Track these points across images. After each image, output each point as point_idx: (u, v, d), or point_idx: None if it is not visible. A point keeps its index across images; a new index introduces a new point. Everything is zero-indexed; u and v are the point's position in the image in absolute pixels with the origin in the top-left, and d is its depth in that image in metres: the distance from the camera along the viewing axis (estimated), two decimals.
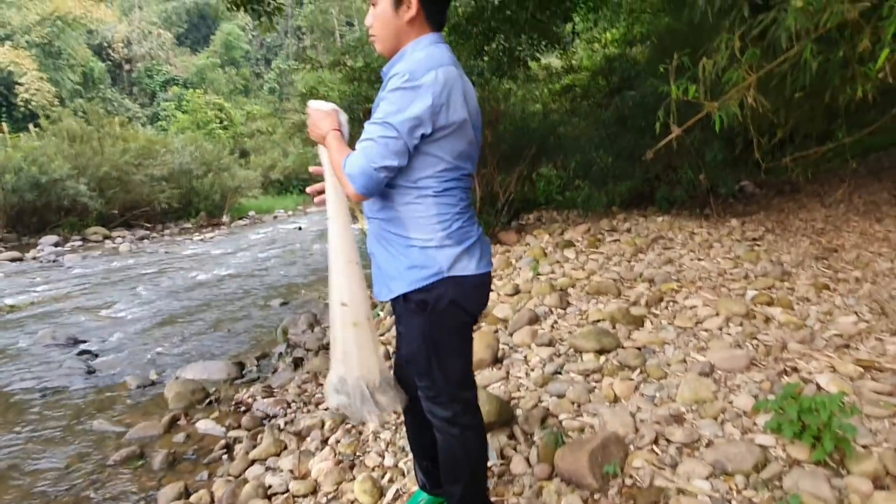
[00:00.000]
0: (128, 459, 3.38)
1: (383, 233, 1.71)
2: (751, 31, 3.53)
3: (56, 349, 5.64)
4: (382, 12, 1.64)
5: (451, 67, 1.59)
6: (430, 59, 1.57)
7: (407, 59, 1.60)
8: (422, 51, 1.61)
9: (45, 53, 28.55)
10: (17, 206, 15.10)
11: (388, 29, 1.65)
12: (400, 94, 1.51)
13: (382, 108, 1.54)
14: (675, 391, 2.61)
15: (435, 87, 1.52)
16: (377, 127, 1.53)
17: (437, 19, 1.66)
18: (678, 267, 4.47)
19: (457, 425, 1.77)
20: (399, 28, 1.64)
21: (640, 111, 6.64)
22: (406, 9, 1.61)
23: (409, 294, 1.67)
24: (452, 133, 1.60)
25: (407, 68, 1.54)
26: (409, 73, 1.52)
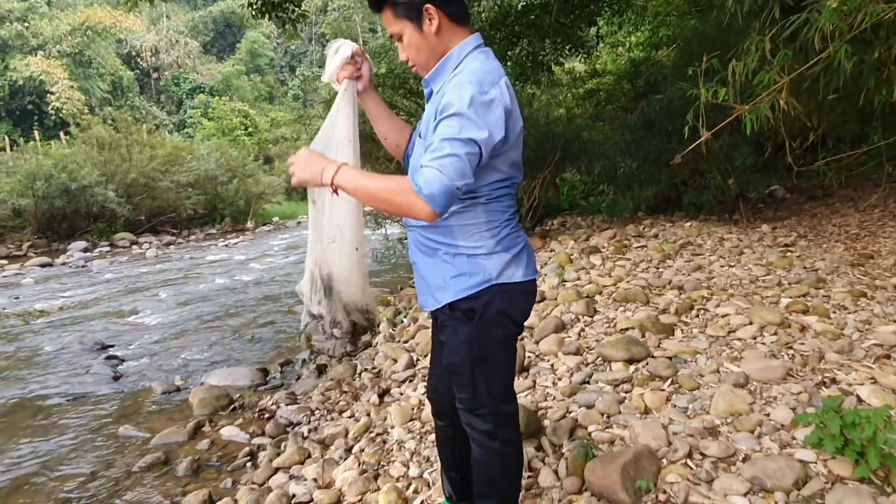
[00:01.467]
0: (153, 466, 3.38)
1: (426, 241, 1.67)
2: (782, 32, 3.45)
3: (83, 354, 5.70)
4: (412, 39, 1.60)
5: (505, 76, 1.56)
6: (491, 68, 1.53)
7: (466, 70, 1.53)
8: (475, 59, 1.57)
9: (75, 63, 29.17)
10: (47, 213, 15.41)
11: (423, 51, 1.61)
12: (475, 108, 1.44)
13: (457, 123, 1.43)
14: (708, 403, 2.53)
15: (505, 101, 1.49)
16: (460, 143, 1.42)
17: (463, 16, 1.62)
18: (708, 274, 4.37)
19: (497, 439, 1.73)
20: (433, 44, 1.60)
21: (666, 115, 6.54)
22: (429, 21, 1.57)
23: (456, 303, 1.63)
24: (513, 145, 1.58)
25: (471, 79, 1.47)
26: (479, 86, 1.46)
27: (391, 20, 1.61)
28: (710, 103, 3.65)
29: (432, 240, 1.65)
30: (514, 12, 8.53)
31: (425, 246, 1.68)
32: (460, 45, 1.60)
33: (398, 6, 1.58)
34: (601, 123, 9.64)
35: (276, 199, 22.86)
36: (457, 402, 1.77)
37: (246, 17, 7.82)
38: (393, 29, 1.63)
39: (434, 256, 1.66)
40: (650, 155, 6.78)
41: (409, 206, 1.43)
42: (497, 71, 1.54)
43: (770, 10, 3.57)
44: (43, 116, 27.29)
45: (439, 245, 1.64)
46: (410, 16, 1.57)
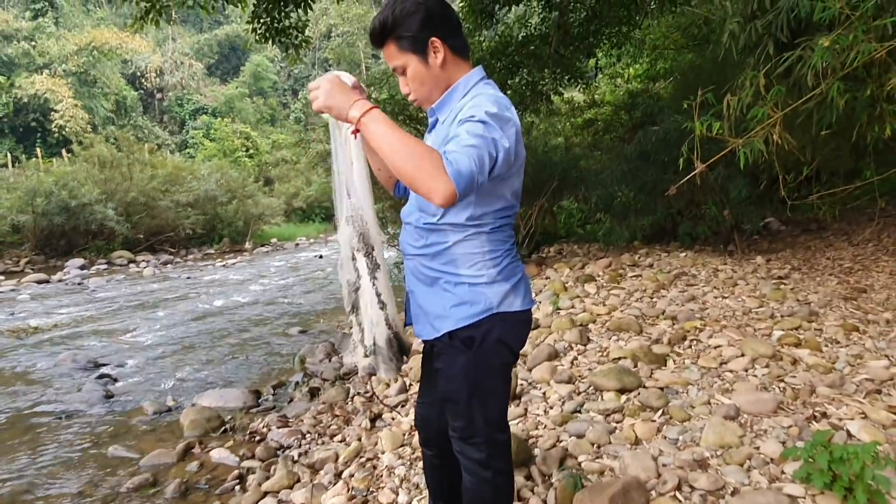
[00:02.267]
0: (140, 487, 3.35)
1: (427, 270, 1.66)
2: (776, 68, 3.52)
3: (76, 372, 5.68)
4: (417, 73, 1.60)
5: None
6: (502, 96, 1.56)
7: (482, 94, 1.54)
8: (487, 87, 1.60)
9: (80, 82, 29.42)
10: (46, 229, 15.42)
11: (427, 83, 1.62)
12: (496, 120, 1.44)
13: (481, 126, 1.40)
14: (699, 435, 2.53)
15: (518, 123, 1.52)
16: (483, 140, 1.38)
17: (464, 48, 1.65)
18: (702, 304, 4.38)
19: (490, 468, 1.72)
20: (437, 76, 1.61)
21: (663, 146, 6.62)
22: (434, 54, 1.58)
23: (456, 331, 1.62)
24: (517, 170, 1.60)
25: (490, 101, 1.48)
26: (497, 104, 1.48)
27: (395, 54, 1.60)
28: (704, 136, 3.70)
29: (433, 268, 1.65)
30: (514, 42, 8.67)
31: (424, 275, 1.68)
32: (466, 77, 1.63)
33: (403, 40, 1.58)
34: (598, 153, 9.74)
35: (275, 221, 22.91)
36: (450, 430, 1.76)
37: (250, 42, 7.92)
38: (396, 62, 1.62)
39: (434, 285, 1.66)
40: (646, 185, 6.84)
41: (433, 175, 1.31)
42: (504, 97, 1.57)
43: (764, 47, 3.65)
44: (46, 134, 27.44)
45: (441, 274, 1.64)
46: (415, 49, 1.58)
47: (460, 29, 1.65)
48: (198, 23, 43.25)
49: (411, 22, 1.55)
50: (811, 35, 3.35)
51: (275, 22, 7.12)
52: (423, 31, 1.56)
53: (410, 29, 1.56)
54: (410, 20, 1.55)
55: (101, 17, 38.02)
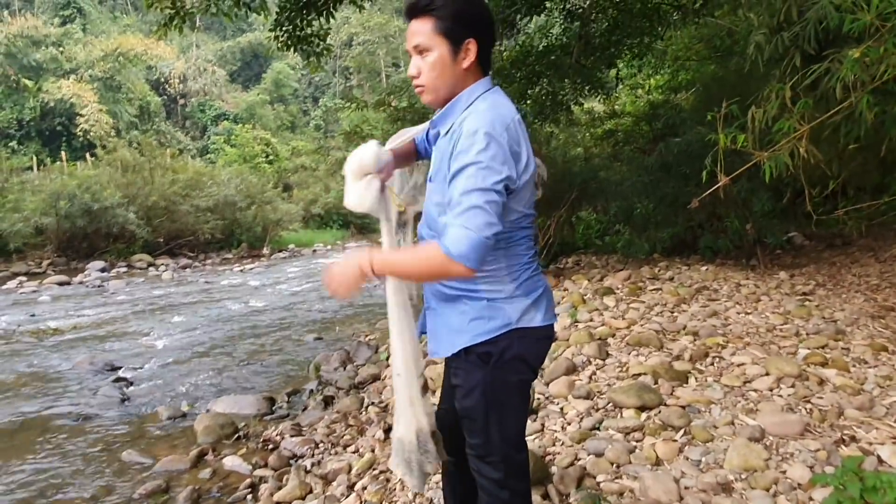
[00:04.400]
0: (153, 493, 3.35)
1: (447, 290, 1.62)
2: (803, 80, 3.44)
3: (93, 375, 5.71)
4: (439, 61, 1.53)
5: (517, 115, 1.55)
6: (500, 110, 1.51)
7: (475, 112, 1.51)
8: (483, 101, 1.54)
9: (105, 87, 29.90)
10: (68, 232, 15.67)
11: (444, 78, 1.55)
12: (488, 153, 1.42)
13: (472, 173, 1.41)
14: (722, 457, 2.45)
15: (515, 141, 1.47)
16: (479, 193, 1.39)
17: (487, 64, 1.61)
18: (724, 320, 4.29)
19: (506, 488, 1.66)
20: (456, 76, 1.55)
21: (684, 158, 6.54)
22: (464, 56, 1.53)
23: (472, 347, 1.58)
24: (527, 182, 1.55)
25: (481, 124, 1.45)
26: (490, 127, 1.44)
27: (427, 31, 1.52)
28: (728, 148, 3.63)
29: (454, 287, 1.61)
30: (535, 52, 8.64)
31: (443, 293, 1.64)
32: (471, 89, 1.57)
33: (445, 21, 1.50)
34: (618, 164, 9.66)
35: (293, 227, 23.02)
36: (467, 447, 1.72)
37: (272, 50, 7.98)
38: (421, 40, 1.52)
39: (456, 302, 1.62)
40: (667, 197, 6.75)
41: (445, 270, 1.41)
42: (505, 111, 1.51)
43: (791, 59, 3.57)
44: (71, 138, 27.89)
45: (460, 291, 1.60)
46: (451, 38, 1.51)
47: (493, 45, 1.62)
48: (221, 30, 43.84)
49: (462, 10, 1.51)
50: (840, 47, 3.27)
51: (297, 30, 7.15)
52: (468, 26, 1.52)
53: (459, 16, 1.50)
54: (463, 7, 1.51)
55: (127, 24, 38.70)
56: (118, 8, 41.93)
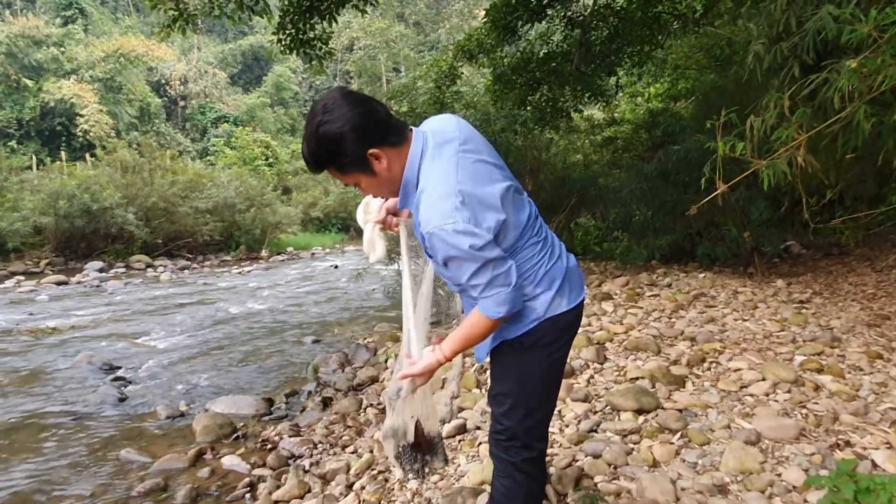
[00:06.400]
0: (152, 492, 3.36)
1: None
2: (801, 90, 3.48)
3: (91, 374, 5.72)
4: (368, 184, 1.61)
5: (458, 149, 1.58)
6: (442, 171, 1.54)
7: (425, 190, 1.54)
8: (427, 172, 1.56)
9: (106, 88, 29.91)
10: (67, 232, 15.65)
11: (384, 186, 1.62)
12: (462, 217, 1.47)
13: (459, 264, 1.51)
14: (718, 459, 2.48)
15: (467, 193, 1.50)
16: (478, 272, 1.51)
17: (400, 133, 1.58)
18: (721, 326, 4.32)
19: (523, 472, 1.77)
20: (389, 177, 1.59)
21: (683, 166, 6.58)
22: (377, 162, 1.55)
23: (508, 340, 1.71)
24: (509, 205, 1.59)
25: (435, 207, 1.49)
26: (444, 203, 1.48)
27: (341, 176, 1.59)
28: (727, 156, 3.67)
29: None
30: (535, 59, 8.70)
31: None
32: (409, 163, 1.58)
33: (343, 166, 1.55)
34: (617, 171, 9.71)
35: (292, 230, 23.02)
36: (492, 432, 1.81)
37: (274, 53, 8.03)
38: (346, 181, 1.62)
39: None
40: (666, 204, 6.79)
41: (495, 327, 1.62)
42: (447, 168, 1.54)
43: (790, 69, 3.62)
44: (71, 138, 27.87)
45: None
46: (358, 168, 1.56)
47: (388, 116, 1.58)
48: (223, 33, 43.89)
49: (342, 148, 1.50)
50: (838, 58, 3.31)
51: (300, 33, 7.20)
52: (358, 150, 1.52)
53: (344, 154, 1.52)
54: (341, 146, 1.50)
55: (128, 25, 38.74)
56: (120, 9, 41.97)
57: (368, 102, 1.54)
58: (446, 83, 9.04)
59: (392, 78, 36.79)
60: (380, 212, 1.84)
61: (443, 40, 36.10)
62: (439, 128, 1.65)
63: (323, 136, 1.49)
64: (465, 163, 1.56)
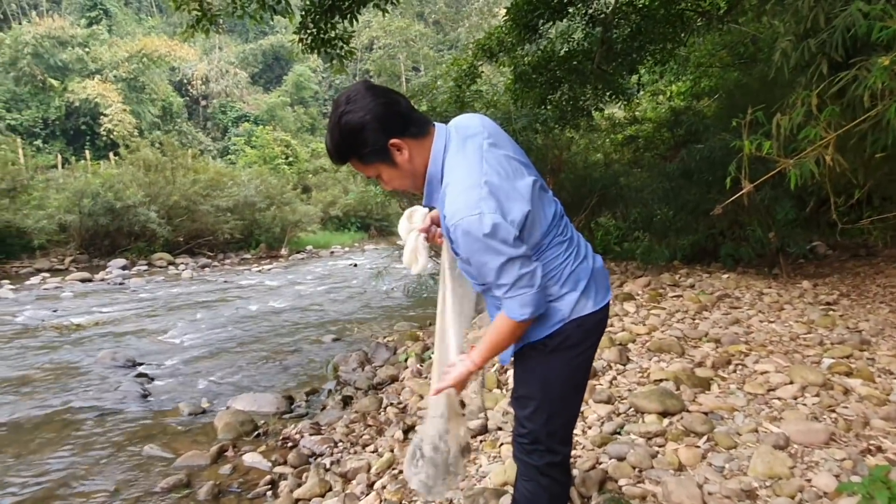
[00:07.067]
0: (174, 487, 3.39)
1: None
2: (830, 88, 3.41)
3: (115, 370, 5.79)
4: (389, 175, 1.61)
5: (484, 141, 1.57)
6: (469, 163, 1.53)
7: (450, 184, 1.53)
8: (452, 165, 1.56)
9: (129, 87, 30.33)
10: (91, 229, 15.89)
11: (406, 178, 1.62)
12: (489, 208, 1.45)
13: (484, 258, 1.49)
14: (746, 463, 2.43)
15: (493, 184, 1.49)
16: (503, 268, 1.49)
17: (423, 126, 1.59)
18: (746, 328, 4.25)
19: (547, 476, 1.75)
20: (410, 169, 1.59)
21: (706, 165, 6.49)
22: (399, 153, 1.55)
23: (533, 342, 1.68)
24: (536, 200, 1.58)
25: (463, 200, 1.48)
26: (472, 188, 1.48)
27: (363, 167, 1.60)
28: (753, 155, 3.60)
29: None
30: (556, 58, 8.63)
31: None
32: (433, 157, 1.58)
33: (364, 156, 1.56)
34: (639, 170, 9.61)
35: (312, 228, 23.16)
36: (516, 435, 1.79)
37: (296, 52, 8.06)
38: (368, 173, 1.62)
39: None
40: (688, 204, 6.71)
41: (522, 329, 1.61)
42: (472, 160, 1.53)
43: (818, 66, 3.55)
44: (95, 137, 28.30)
45: None
46: (380, 158, 1.56)
47: (410, 109, 1.58)
48: (243, 32, 44.26)
49: (364, 137, 1.51)
50: (868, 55, 3.24)
51: (321, 33, 7.20)
52: (380, 140, 1.52)
53: (366, 144, 1.52)
54: (362, 136, 1.51)
55: (151, 26, 39.24)
56: (143, 10, 42.52)
57: (391, 94, 1.56)
58: (466, 82, 9.00)
59: (411, 77, 36.83)
60: (424, 220, 1.83)
61: (462, 39, 36.07)
62: (463, 124, 1.65)
63: (345, 125, 1.51)
64: (490, 157, 1.56)
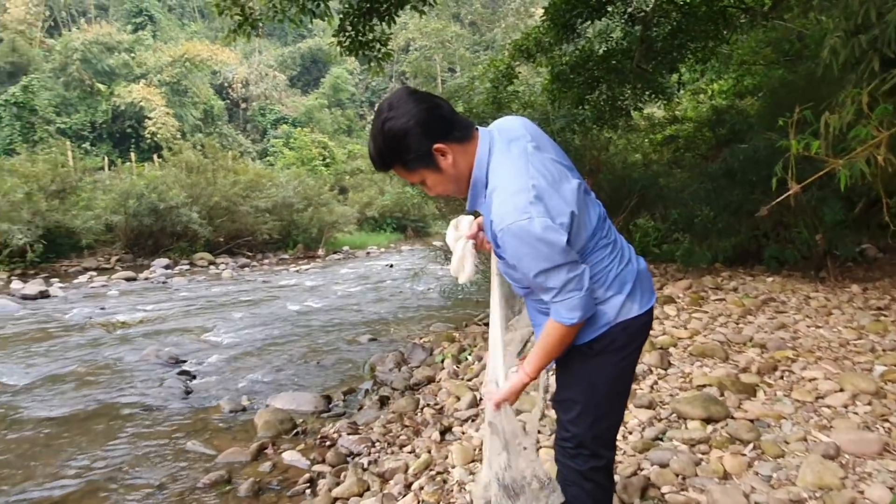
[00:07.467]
0: (216, 483, 3.45)
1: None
2: (881, 85, 3.29)
3: (158, 367, 5.94)
4: (434, 181, 1.61)
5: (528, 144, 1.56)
6: (514, 168, 1.52)
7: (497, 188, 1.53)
8: (497, 169, 1.55)
9: (173, 91, 31.14)
10: (135, 230, 16.37)
11: (451, 183, 1.61)
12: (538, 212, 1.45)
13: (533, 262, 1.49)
14: (794, 473, 2.36)
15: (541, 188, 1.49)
16: (558, 271, 1.49)
17: (466, 130, 1.59)
18: (793, 333, 4.13)
19: (591, 481, 1.73)
20: (455, 174, 1.58)
21: (750, 165, 6.33)
22: (443, 157, 1.55)
23: (577, 346, 1.66)
24: (581, 202, 1.57)
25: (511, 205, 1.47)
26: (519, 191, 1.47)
27: (407, 174, 1.60)
28: (800, 155, 3.50)
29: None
30: (594, 57, 8.54)
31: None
32: (478, 162, 1.58)
33: (408, 162, 1.56)
34: (679, 170, 9.43)
35: (348, 229, 23.38)
36: (559, 439, 1.77)
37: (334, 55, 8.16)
38: (413, 179, 1.62)
39: None
40: (731, 205, 6.56)
41: (573, 335, 1.60)
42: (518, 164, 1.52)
43: (868, 63, 3.43)
44: (140, 140, 29.13)
45: None
46: (424, 164, 1.56)
47: (453, 113, 1.58)
48: (282, 36, 45.01)
49: (408, 143, 1.51)
50: None
51: (359, 35, 7.27)
52: (424, 145, 1.52)
53: (410, 150, 1.52)
54: (406, 142, 1.51)
55: (194, 31, 40.21)
56: (186, 15, 43.60)
57: (433, 99, 1.56)
58: (503, 83, 8.97)
59: (447, 78, 36.89)
60: (471, 227, 1.83)
61: (499, 40, 36.00)
62: (506, 126, 1.64)
63: (388, 132, 1.52)
64: (536, 160, 1.55)
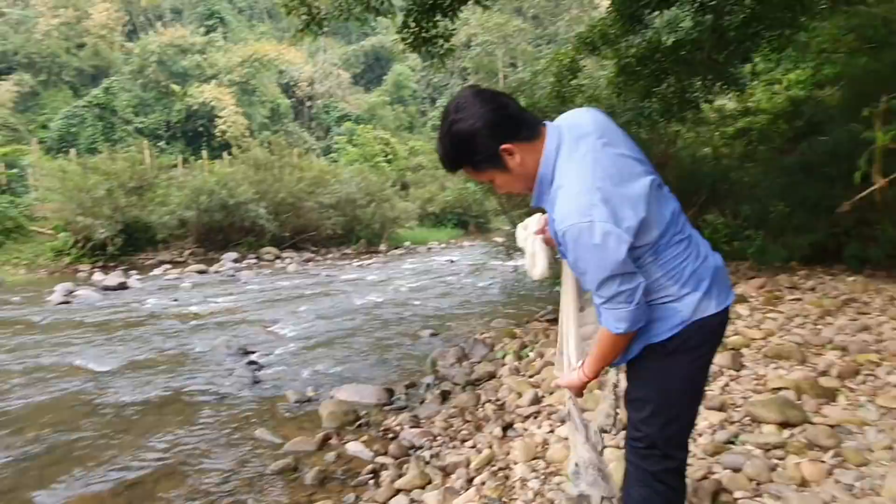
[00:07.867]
0: (283, 471, 3.54)
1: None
2: None
3: (228, 357, 6.15)
4: (502, 180, 1.62)
5: (596, 142, 1.53)
6: (580, 170, 1.50)
7: (561, 188, 1.52)
8: (564, 170, 1.53)
9: (242, 91, 32.18)
10: (207, 225, 17.03)
11: (519, 182, 1.62)
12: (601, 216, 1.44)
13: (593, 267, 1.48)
14: (879, 483, 2.22)
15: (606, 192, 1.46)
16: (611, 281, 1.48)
17: (533, 128, 1.58)
18: (877, 336, 3.89)
19: (663, 483, 1.69)
20: (522, 173, 1.59)
21: (830, 158, 6.02)
22: (511, 157, 1.55)
23: (651, 345, 1.62)
24: (651, 200, 1.52)
25: (575, 209, 1.46)
26: (580, 190, 1.47)
27: (475, 174, 1.63)
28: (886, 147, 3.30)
29: None
30: (662, 48, 8.28)
31: None
32: (544, 159, 1.56)
33: (477, 163, 1.58)
34: (751, 164, 9.05)
35: (409, 225, 23.60)
36: (630, 440, 1.73)
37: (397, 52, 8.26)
38: (481, 179, 1.65)
39: None
40: (808, 200, 6.25)
41: (624, 342, 1.59)
42: (585, 163, 1.50)
43: None
44: (211, 138, 30.23)
45: None
46: (492, 164, 1.57)
47: (519, 111, 1.57)
48: (346, 34, 45.78)
49: (475, 145, 1.53)
50: None
51: (422, 31, 7.30)
52: (491, 146, 1.53)
53: (478, 151, 1.54)
54: (473, 143, 1.53)
55: (262, 32, 41.40)
56: (255, 16, 44.93)
57: (499, 98, 1.56)
58: (567, 77, 8.82)
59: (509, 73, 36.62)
60: (539, 223, 1.84)
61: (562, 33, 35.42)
62: (574, 122, 1.61)
63: (456, 134, 1.53)
64: (603, 158, 1.52)
